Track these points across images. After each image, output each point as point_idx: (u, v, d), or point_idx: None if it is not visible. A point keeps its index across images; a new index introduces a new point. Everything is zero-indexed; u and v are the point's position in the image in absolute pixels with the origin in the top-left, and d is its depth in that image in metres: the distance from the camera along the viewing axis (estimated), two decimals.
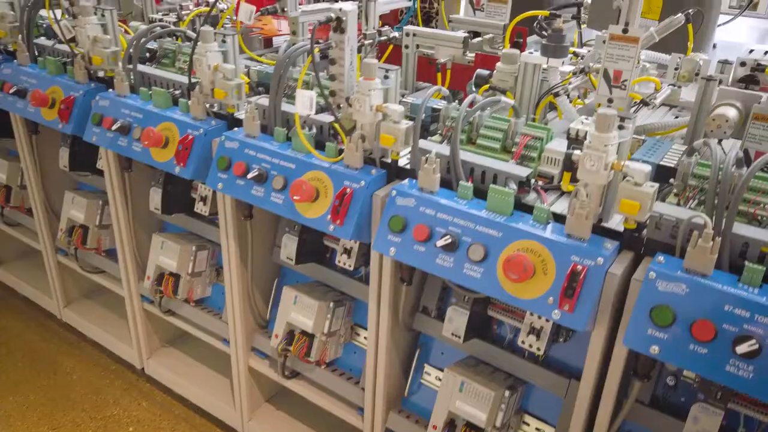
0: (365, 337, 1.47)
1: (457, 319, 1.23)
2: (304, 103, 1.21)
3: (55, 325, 2.33)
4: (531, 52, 1.33)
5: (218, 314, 1.77)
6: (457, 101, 1.34)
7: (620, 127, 1.01)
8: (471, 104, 1.19)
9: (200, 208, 1.62)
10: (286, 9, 1.56)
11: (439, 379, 1.40)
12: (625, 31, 1.19)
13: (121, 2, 2.19)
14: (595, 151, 0.96)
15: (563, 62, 1.30)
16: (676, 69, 1.44)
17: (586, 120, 1.13)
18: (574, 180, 1.05)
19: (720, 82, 1.37)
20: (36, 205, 2.06)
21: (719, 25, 1.91)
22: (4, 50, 1.93)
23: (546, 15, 1.45)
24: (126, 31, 1.85)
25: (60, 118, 1.65)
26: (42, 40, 1.89)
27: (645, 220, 0.98)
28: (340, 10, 1.21)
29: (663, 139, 1.35)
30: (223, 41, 1.45)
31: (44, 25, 1.94)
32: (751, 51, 1.45)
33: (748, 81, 1.34)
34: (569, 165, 1.03)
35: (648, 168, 0.95)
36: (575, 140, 1.11)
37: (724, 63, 1.35)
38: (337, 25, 1.22)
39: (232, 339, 1.66)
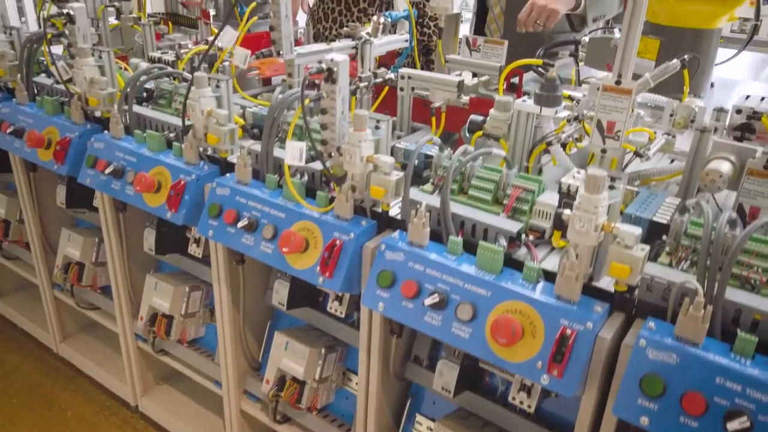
0: (357, 383, 1.45)
1: (447, 374, 1.21)
2: (293, 154, 1.20)
3: (51, 359, 2.32)
4: (524, 100, 1.32)
5: (211, 355, 1.76)
6: (449, 148, 1.33)
7: (611, 187, 1.00)
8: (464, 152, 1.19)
9: (194, 249, 1.61)
10: (281, 52, 1.56)
11: (430, 429, 1.38)
12: (618, 82, 1.19)
13: (123, 38, 2.21)
14: (585, 213, 0.95)
15: (556, 111, 1.29)
16: (671, 115, 1.42)
17: (577, 174, 1.11)
18: (564, 236, 1.03)
19: (715, 130, 1.36)
20: (33, 240, 2.07)
21: (717, 64, 1.90)
22: (4, 87, 1.95)
23: (539, 63, 1.44)
24: (126, 68, 1.86)
25: (55, 160, 1.66)
26: (42, 78, 1.90)
27: (636, 283, 0.96)
28: (332, 60, 1.21)
29: (657, 190, 1.34)
30: (217, 86, 1.45)
31: (45, 62, 1.96)
32: (748, 97, 1.44)
33: (744, 129, 1.33)
34: (559, 224, 1.01)
35: (638, 231, 0.93)
36: (567, 195, 1.10)
37: (720, 111, 1.33)
38: (329, 75, 1.22)
39: (224, 382, 1.64)
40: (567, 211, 0.99)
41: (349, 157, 1.20)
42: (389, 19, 1.79)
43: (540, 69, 2.07)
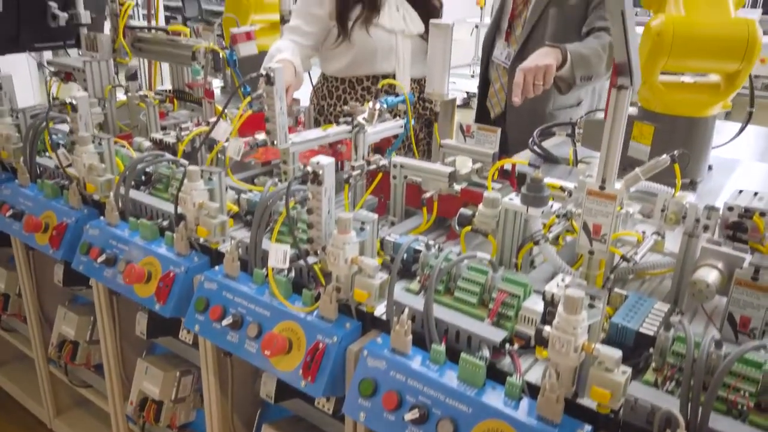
0: None
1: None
2: (277, 257, 1.20)
3: None
4: (511, 198, 1.32)
5: None
6: (436, 246, 1.32)
7: (590, 306, 0.98)
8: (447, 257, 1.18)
9: (184, 335, 1.60)
10: (276, 142, 1.59)
11: None
12: (602, 188, 1.18)
13: (130, 114, 2.27)
14: (564, 334, 0.93)
15: (542, 211, 1.28)
16: (662, 210, 1.41)
17: (561, 282, 1.10)
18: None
19: (706, 228, 1.35)
20: (30, 316, 2.07)
21: (715, 147, 1.89)
22: (9, 167, 1.99)
23: (525, 164, 1.45)
24: (128, 147, 1.90)
25: (51, 245, 1.68)
26: (45, 158, 1.94)
27: (618, 407, 0.93)
28: (317, 163, 1.22)
29: (650, 286, 1.32)
30: (210, 179, 1.47)
31: (51, 140, 2.00)
32: (740, 192, 1.43)
33: (736, 228, 1.31)
34: (540, 340, 1.00)
35: (619, 354, 0.91)
36: (551, 303, 1.08)
37: (711, 209, 1.32)
38: (314, 177, 1.23)
39: None
40: (547, 329, 0.97)
41: (333, 259, 1.20)
42: (385, 105, 1.82)
43: (537, 150, 2.09)
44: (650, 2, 1.79)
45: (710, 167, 1.90)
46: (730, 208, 1.32)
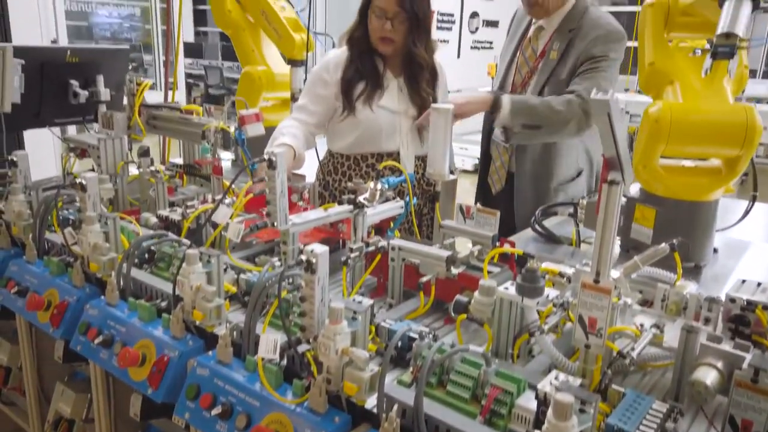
0: None
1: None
2: (267, 348, 1.20)
3: None
4: (506, 288, 1.31)
5: None
6: (430, 336, 1.30)
7: (581, 411, 0.95)
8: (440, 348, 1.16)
9: (176, 419, 1.57)
10: (276, 223, 1.61)
11: None
12: (596, 281, 1.17)
13: (141, 189, 2.32)
14: None
15: (537, 302, 1.27)
16: (663, 300, 1.39)
17: (555, 380, 1.07)
18: None
19: (707, 321, 1.32)
20: (29, 392, 2.06)
21: (720, 230, 1.87)
22: (20, 243, 2.03)
23: (520, 254, 1.44)
24: (134, 223, 1.93)
25: (51, 323, 1.69)
26: (55, 235, 1.98)
27: None
28: (312, 252, 1.23)
29: (651, 379, 1.28)
30: (208, 261, 1.48)
31: (59, 218, 2.05)
32: (743, 282, 1.40)
33: (738, 322, 1.28)
34: None
35: None
36: (543, 403, 1.05)
37: (711, 301, 1.30)
38: (308, 266, 1.23)
39: None
40: None
41: (324, 350, 1.18)
42: (386, 186, 1.84)
43: (539, 229, 2.08)
44: (649, 88, 1.83)
45: (716, 250, 1.87)
46: (732, 300, 1.30)
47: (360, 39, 2.29)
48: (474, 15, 10.27)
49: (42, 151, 2.93)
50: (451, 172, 2.36)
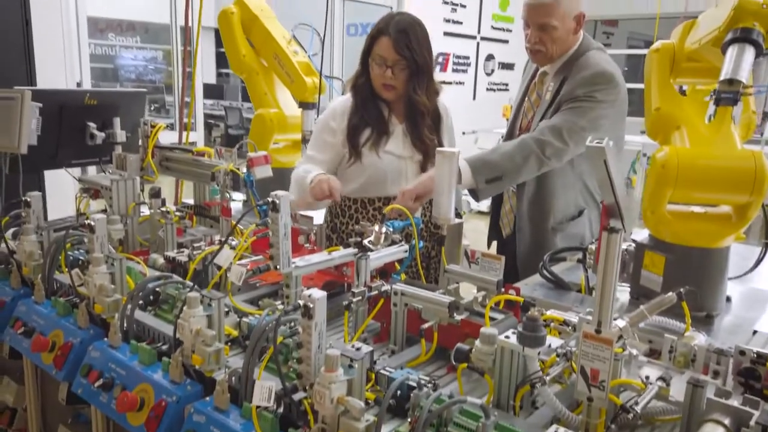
0: None
1: None
2: (262, 396, 1.18)
3: None
4: (507, 336, 1.28)
5: None
6: (432, 383, 1.28)
7: None
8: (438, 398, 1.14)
9: None
10: (278, 266, 1.61)
11: None
12: (598, 331, 1.15)
13: (151, 230, 2.34)
14: None
15: (539, 352, 1.24)
16: (670, 351, 1.35)
17: None
18: None
19: (717, 374, 1.28)
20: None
21: (732, 278, 1.83)
22: (30, 283, 2.05)
23: (521, 301, 1.42)
24: (142, 264, 1.94)
25: (55, 365, 1.69)
26: (64, 276, 2.00)
27: None
28: (309, 297, 1.22)
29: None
30: (209, 304, 1.48)
31: (70, 258, 2.07)
32: (755, 333, 1.36)
33: (748, 375, 1.23)
34: None
35: None
36: None
37: (720, 354, 1.26)
38: (305, 311, 1.22)
39: None
40: None
41: (319, 398, 1.16)
42: (391, 229, 1.84)
43: (547, 275, 2.05)
44: (656, 134, 1.82)
45: (729, 299, 1.82)
46: (742, 353, 1.26)
47: (363, 86, 2.33)
48: (489, 58, 10.42)
49: (63, 191, 2.98)
50: (459, 216, 2.37)
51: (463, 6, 9.50)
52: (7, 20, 3.67)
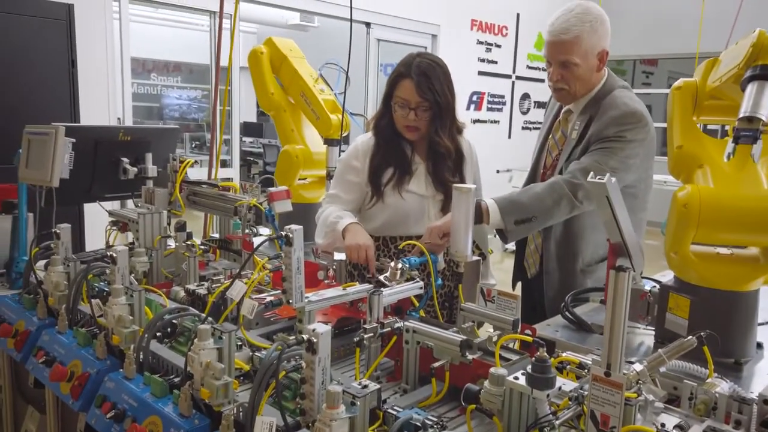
0: None
1: None
2: (262, 431, 1.17)
3: None
4: (516, 378, 1.25)
5: None
6: (439, 424, 1.25)
7: None
8: None
9: None
10: (291, 300, 1.61)
11: None
12: (607, 374, 1.11)
13: (175, 264, 2.38)
14: None
15: (548, 394, 1.20)
16: (690, 398, 1.29)
17: None
18: None
19: (739, 424, 1.21)
20: None
21: (761, 324, 1.75)
22: (56, 314, 2.10)
23: (529, 341, 1.38)
24: (163, 297, 1.97)
25: (72, 395, 1.71)
26: (87, 307, 2.04)
27: None
28: (313, 331, 1.22)
29: None
30: (220, 338, 1.49)
31: (94, 290, 2.12)
32: None
33: None
34: None
35: None
36: None
37: (743, 402, 1.19)
38: (309, 346, 1.22)
39: None
40: None
41: None
42: (407, 266, 1.83)
43: (569, 315, 2.00)
44: (678, 172, 1.78)
45: (760, 345, 1.73)
46: (766, 401, 1.20)
47: (386, 127, 2.33)
48: (525, 97, 10.43)
49: (100, 224, 3.06)
50: (483, 255, 2.34)
51: (498, 46, 9.58)
52: (55, 61, 3.87)
